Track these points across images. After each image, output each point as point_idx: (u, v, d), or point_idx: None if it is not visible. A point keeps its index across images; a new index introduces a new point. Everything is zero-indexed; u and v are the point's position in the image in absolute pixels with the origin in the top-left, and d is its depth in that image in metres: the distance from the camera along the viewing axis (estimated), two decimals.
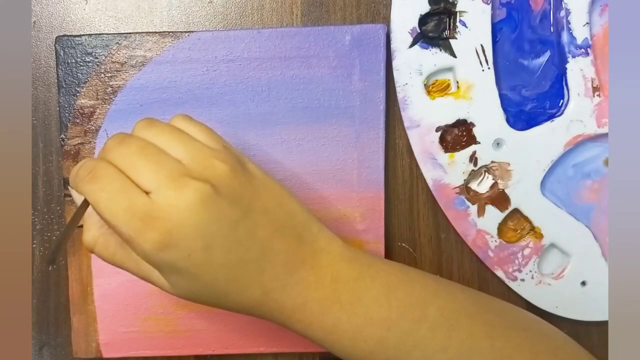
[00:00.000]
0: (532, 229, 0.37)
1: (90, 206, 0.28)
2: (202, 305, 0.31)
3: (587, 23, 0.36)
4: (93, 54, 0.37)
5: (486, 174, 0.37)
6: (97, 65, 0.37)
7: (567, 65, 0.36)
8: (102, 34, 0.37)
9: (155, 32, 0.37)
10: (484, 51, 0.36)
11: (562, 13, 0.36)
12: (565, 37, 0.36)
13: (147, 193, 0.26)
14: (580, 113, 0.36)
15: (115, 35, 0.37)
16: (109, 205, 0.26)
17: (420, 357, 0.30)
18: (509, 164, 0.36)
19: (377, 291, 0.30)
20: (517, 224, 0.37)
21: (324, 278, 0.29)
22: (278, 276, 0.29)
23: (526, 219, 0.37)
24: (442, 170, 0.37)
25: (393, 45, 0.36)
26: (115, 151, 0.27)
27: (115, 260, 0.30)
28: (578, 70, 0.36)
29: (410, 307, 0.30)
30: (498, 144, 0.36)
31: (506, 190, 0.37)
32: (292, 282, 0.29)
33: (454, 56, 0.36)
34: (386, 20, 0.37)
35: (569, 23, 0.36)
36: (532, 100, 0.37)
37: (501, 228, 0.37)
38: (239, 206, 0.27)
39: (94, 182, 0.26)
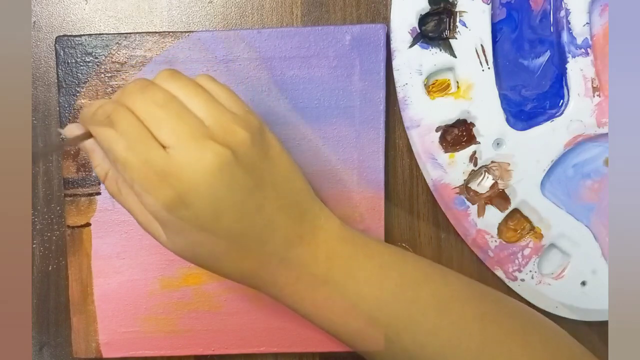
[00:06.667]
0: (532, 229, 0.37)
1: (92, 140, 0.27)
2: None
3: (587, 23, 0.36)
4: (93, 54, 0.37)
5: (486, 174, 0.37)
6: (97, 65, 0.37)
7: (567, 65, 0.36)
8: (102, 34, 0.37)
9: (155, 32, 0.37)
10: (484, 51, 0.36)
11: (562, 13, 0.36)
12: (565, 37, 0.36)
13: (164, 147, 0.25)
14: (580, 113, 0.36)
15: (115, 35, 0.37)
16: (125, 155, 0.25)
17: (410, 339, 0.29)
18: (509, 164, 0.36)
19: (370, 271, 0.30)
20: (517, 224, 0.37)
21: (319, 255, 0.29)
22: (276, 251, 0.29)
23: (526, 219, 0.37)
24: (442, 170, 0.37)
25: (393, 45, 0.36)
26: (136, 98, 0.26)
27: (120, 198, 0.29)
28: (578, 70, 0.36)
29: (403, 288, 0.30)
30: (498, 144, 0.36)
31: (506, 190, 0.37)
32: (288, 257, 0.29)
33: (454, 56, 0.36)
34: (386, 20, 0.37)
35: (569, 23, 0.36)
36: (532, 100, 0.37)
37: (501, 228, 0.37)
38: (253, 177, 0.27)
39: (111, 126, 0.26)
